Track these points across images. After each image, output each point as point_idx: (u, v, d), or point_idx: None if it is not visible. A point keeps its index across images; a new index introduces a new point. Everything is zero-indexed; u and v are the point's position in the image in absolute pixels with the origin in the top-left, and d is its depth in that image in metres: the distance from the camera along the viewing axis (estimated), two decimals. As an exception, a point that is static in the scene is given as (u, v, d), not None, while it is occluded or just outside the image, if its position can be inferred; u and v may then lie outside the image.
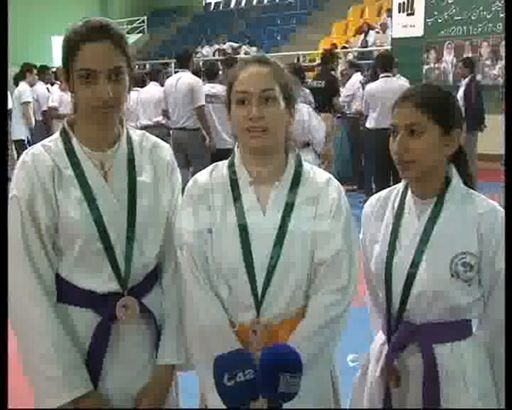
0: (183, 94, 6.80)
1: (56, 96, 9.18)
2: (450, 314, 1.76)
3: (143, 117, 7.86)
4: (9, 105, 8.28)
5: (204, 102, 6.79)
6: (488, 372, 1.79)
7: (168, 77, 7.88)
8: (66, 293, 1.73)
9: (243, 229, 1.70)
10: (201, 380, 1.77)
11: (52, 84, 10.10)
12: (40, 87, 9.80)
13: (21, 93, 9.05)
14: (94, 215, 1.69)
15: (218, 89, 7.06)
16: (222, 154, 6.76)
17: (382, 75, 7.16)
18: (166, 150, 1.89)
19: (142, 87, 8.19)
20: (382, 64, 7.23)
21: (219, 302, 1.71)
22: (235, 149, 1.82)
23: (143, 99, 7.90)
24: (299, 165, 1.79)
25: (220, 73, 7.61)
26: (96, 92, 1.64)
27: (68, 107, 9.37)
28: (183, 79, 6.93)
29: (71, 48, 1.67)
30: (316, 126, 5.23)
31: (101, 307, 1.72)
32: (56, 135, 1.78)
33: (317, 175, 1.80)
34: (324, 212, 1.73)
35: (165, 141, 1.97)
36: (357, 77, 8.84)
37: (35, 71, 9.69)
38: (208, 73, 7.39)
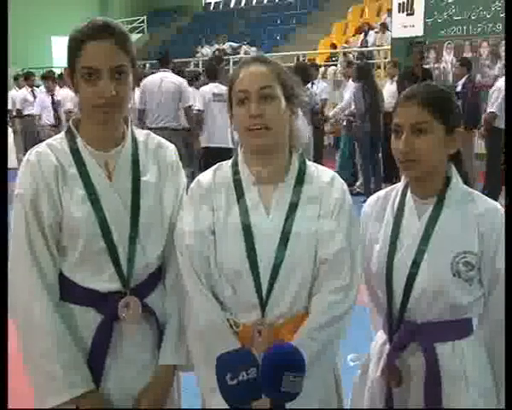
0: (171, 94, 6.70)
1: (38, 103, 9.06)
2: (450, 313, 1.76)
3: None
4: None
5: (192, 102, 6.73)
6: (489, 371, 1.80)
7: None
8: (68, 292, 1.73)
9: (247, 229, 1.69)
10: (201, 382, 1.76)
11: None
12: (63, 91, 9.79)
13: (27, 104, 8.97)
14: (97, 214, 1.69)
15: (222, 88, 7.05)
16: (226, 153, 6.74)
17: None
18: (171, 150, 1.88)
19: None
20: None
21: (219, 305, 1.70)
22: (238, 149, 1.81)
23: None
24: (302, 164, 1.78)
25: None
26: (98, 91, 1.64)
27: (51, 113, 9.10)
28: (168, 78, 6.83)
29: (74, 47, 1.67)
30: (300, 127, 5.20)
31: (104, 307, 1.72)
32: (62, 134, 1.79)
33: (321, 174, 1.79)
34: (327, 211, 1.72)
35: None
36: (350, 84, 8.76)
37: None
38: (210, 72, 7.37)
